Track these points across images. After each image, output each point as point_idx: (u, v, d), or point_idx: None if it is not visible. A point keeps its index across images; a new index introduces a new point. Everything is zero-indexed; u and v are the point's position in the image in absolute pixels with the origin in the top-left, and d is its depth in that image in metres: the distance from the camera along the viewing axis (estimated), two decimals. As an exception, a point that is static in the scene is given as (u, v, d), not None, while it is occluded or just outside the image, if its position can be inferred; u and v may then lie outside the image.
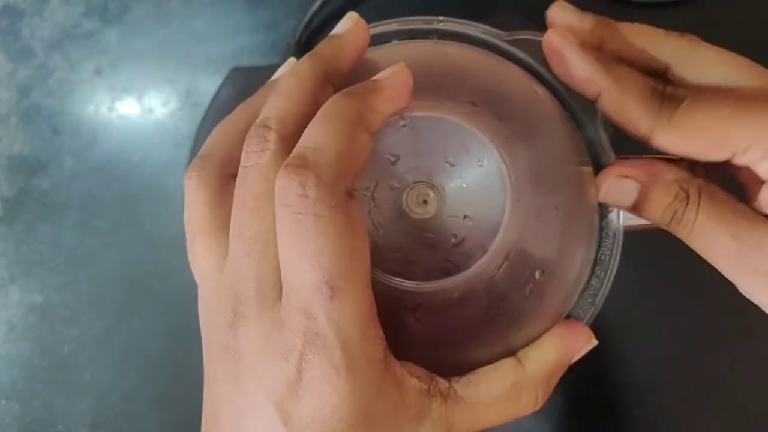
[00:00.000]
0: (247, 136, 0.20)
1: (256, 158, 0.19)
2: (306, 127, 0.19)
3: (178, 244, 0.22)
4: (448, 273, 0.21)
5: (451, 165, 0.21)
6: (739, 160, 0.22)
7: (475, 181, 0.21)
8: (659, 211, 0.23)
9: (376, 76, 0.20)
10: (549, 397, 0.22)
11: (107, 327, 0.38)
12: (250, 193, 0.19)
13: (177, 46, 0.38)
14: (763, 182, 0.23)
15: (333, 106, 0.19)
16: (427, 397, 0.20)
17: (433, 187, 0.21)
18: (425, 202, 0.21)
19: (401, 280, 0.21)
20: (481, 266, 0.21)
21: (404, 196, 0.21)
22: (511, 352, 0.22)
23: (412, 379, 0.20)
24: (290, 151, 0.19)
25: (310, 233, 0.17)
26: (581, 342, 0.23)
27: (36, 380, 0.38)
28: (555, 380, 0.23)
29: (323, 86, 0.21)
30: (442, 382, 0.21)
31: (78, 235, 0.38)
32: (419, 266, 0.21)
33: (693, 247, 0.23)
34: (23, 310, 0.38)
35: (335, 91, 0.20)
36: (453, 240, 0.21)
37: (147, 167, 0.38)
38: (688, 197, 0.22)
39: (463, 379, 0.21)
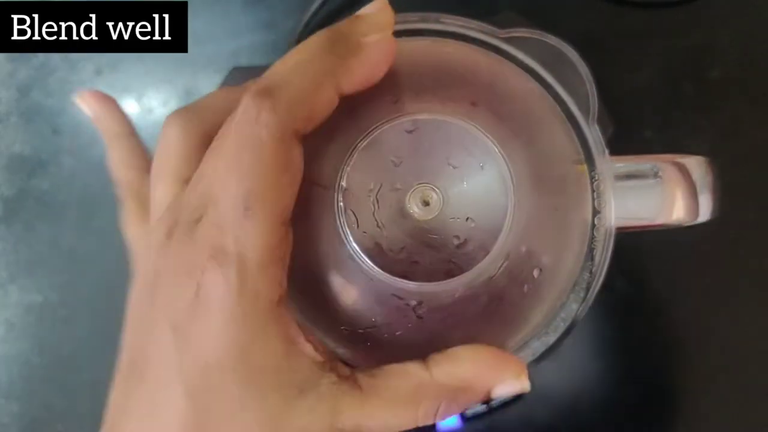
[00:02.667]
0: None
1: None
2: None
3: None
4: (450, 274, 0.21)
5: (454, 167, 0.21)
6: None
7: (477, 183, 0.21)
8: None
9: (363, 38, 0.20)
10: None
11: (107, 327, 0.38)
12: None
13: (177, 45, 0.38)
14: None
15: (312, 49, 0.19)
16: (319, 370, 0.19)
17: (435, 189, 0.21)
18: (427, 204, 0.21)
19: (404, 281, 0.21)
20: (482, 267, 0.21)
21: (407, 198, 0.21)
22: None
23: (307, 345, 0.19)
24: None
25: (248, 152, 0.18)
26: (505, 375, 0.21)
27: (35, 380, 0.38)
28: (463, 402, 0.20)
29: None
30: (344, 368, 0.20)
31: (78, 235, 0.38)
32: (422, 267, 0.21)
33: None
34: (22, 309, 0.38)
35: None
36: (456, 241, 0.21)
37: (147, 167, 0.38)
38: None
39: (368, 371, 0.20)
